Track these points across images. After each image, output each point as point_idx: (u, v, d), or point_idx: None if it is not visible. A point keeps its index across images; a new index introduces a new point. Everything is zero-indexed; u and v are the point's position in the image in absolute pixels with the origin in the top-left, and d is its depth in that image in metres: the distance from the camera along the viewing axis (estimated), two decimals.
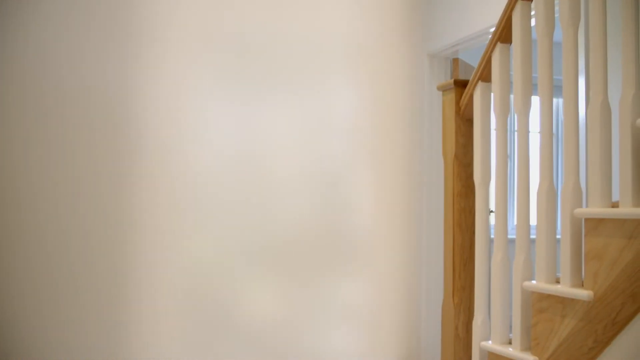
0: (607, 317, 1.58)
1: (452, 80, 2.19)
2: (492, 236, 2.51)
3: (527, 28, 1.94)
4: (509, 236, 3.94)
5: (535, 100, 4.38)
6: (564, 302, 1.70)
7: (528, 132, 1.92)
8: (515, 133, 1.95)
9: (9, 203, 2.99)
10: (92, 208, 3.09)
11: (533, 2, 1.93)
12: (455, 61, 4.00)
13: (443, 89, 2.26)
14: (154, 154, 3.21)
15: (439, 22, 3.92)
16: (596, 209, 1.61)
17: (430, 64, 4.02)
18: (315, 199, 3.83)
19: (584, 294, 1.61)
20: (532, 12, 2.37)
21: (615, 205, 1.65)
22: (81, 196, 3.10)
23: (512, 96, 4.01)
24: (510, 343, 1.96)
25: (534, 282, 1.82)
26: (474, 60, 4.64)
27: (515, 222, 2.04)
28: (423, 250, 3.97)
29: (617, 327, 1.56)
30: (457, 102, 2.20)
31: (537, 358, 1.78)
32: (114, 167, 3.13)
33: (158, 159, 3.21)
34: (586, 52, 2.79)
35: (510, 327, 1.95)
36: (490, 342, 1.99)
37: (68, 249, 3.08)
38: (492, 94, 2.08)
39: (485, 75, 2.09)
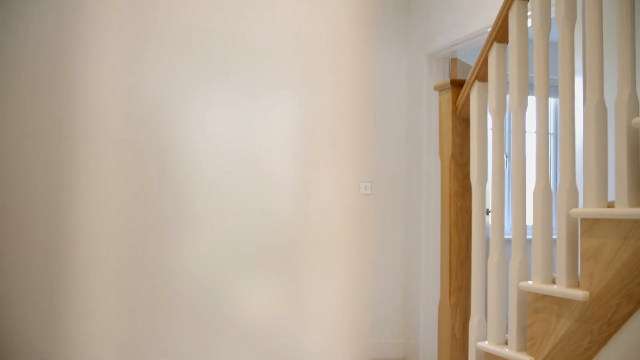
0: (603, 318, 1.57)
1: (448, 80, 2.19)
2: (489, 236, 2.50)
3: (523, 28, 1.94)
4: (506, 236, 3.94)
5: (532, 100, 4.37)
6: (559, 303, 1.69)
7: (524, 132, 1.92)
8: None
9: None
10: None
11: (529, 1, 1.93)
12: (454, 61, 3.99)
13: (440, 88, 2.26)
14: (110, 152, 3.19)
15: (437, 22, 3.91)
16: (591, 209, 1.61)
17: (428, 64, 4.01)
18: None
19: (579, 294, 1.61)
20: (529, 12, 2.37)
21: (611, 205, 1.65)
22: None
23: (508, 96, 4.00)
24: (506, 343, 1.95)
25: (530, 282, 1.82)
26: (473, 60, 4.64)
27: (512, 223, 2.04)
28: (422, 250, 3.96)
29: (612, 327, 1.56)
30: (454, 102, 2.20)
31: (532, 358, 1.77)
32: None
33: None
34: (584, 52, 2.79)
35: (507, 327, 1.95)
36: (486, 342, 1.99)
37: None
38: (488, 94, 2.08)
39: (481, 75, 2.08)
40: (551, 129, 5.04)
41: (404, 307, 4.11)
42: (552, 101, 5.16)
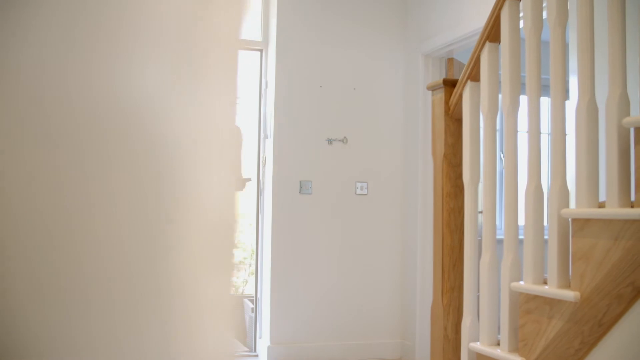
0: (594, 319, 1.56)
1: (441, 80, 2.18)
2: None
3: (515, 27, 1.93)
4: (499, 237, 3.92)
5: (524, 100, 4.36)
6: (551, 303, 1.69)
7: (516, 131, 1.91)
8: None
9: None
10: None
11: (521, 1, 1.92)
12: (450, 61, 3.99)
13: (432, 88, 2.25)
14: None
15: (433, 22, 3.90)
16: (582, 209, 1.60)
17: (425, 64, 4.00)
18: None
19: (570, 295, 1.60)
20: (521, 14, 2.36)
21: (602, 205, 1.64)
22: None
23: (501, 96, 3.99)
24: (498, 344, 1.94)
25: (521, 283, 1.81)
26: None
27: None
28: (418, 250, 3.95)
29: (603, 328, 1.55)
30: (447, 102, 2.19)
31: (524, 359, 1.77)
32: None
33: None
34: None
35: (499, 328, 1.94)
36: (478, 343, 1.98)
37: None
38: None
39: (474, 74, 2.07)
40: (549, 129, 5.02)
41: (400, 308, 4.10)
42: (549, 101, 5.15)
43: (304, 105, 3.97)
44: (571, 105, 2.71)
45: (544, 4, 2.00)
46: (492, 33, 2.00)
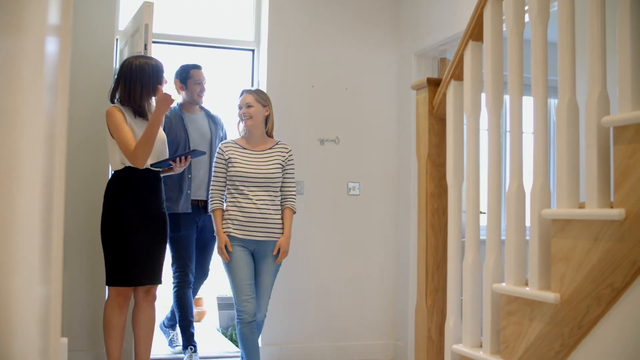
0: (574, 321, 1.54)
1: (425, 79, 2.16)
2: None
3: (498, 26, 1.91)
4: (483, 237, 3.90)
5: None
6: (532, 305, 1.67)
7: (499, 131, 1.89)
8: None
9: None
10: None
11: (504, 0, 1.90)
12: (443, 61, 3.96)
13: (417, 88, 2.23)
14: None
15: (426, 21, 3.88)
16: (562, 210, 1.58)
17: (417, 63, 3.98)
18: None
19: (550, 296, 1.58)
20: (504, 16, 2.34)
21: (582, 206, 1.62)
22: None
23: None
24: (481, 346, 1.92)
25: (503, 284, 1.79)
26: None
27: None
28: (410, 251, 3.93)
29: (583, 330, 1.53)
30: (431, 101, 2.17)
31: None
32: None
33: None
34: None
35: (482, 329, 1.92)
36: (462, 345, 1.96)
37: None
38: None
39: (457, 73, 2.05)
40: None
41: (392, 309, 4.08)
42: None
43: (295, 105, 3.95)
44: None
45: (526, 7, 1.98)
46: (475, 32, 1.98)
